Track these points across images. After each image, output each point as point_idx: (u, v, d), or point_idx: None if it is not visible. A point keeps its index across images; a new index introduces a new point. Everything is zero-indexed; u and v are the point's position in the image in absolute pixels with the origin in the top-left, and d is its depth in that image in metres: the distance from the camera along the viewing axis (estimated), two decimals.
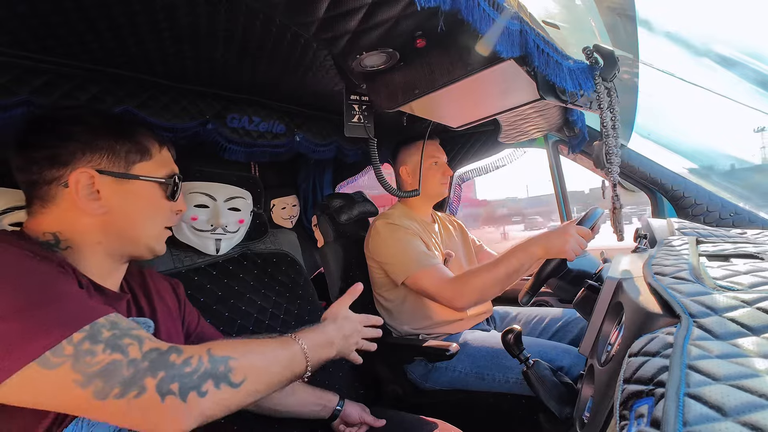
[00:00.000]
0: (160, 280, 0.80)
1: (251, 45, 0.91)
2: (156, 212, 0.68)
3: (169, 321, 0.75)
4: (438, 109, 1.06)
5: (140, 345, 0.49)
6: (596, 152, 0.89)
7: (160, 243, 0.70)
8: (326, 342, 0.68)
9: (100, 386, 0.44)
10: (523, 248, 1.07)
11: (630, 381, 0.39)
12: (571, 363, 1.09)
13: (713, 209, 1.26)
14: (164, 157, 0.71)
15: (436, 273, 1.20)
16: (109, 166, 0.62)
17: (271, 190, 2.14)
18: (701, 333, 0.38)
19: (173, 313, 0.77)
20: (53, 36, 0.78)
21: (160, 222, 0.69)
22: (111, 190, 0.62)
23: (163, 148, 0.71)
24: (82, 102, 0.90)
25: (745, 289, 0.45)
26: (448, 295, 1.15)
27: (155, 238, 0.69)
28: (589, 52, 0.86)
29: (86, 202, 0.60)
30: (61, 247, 0.60)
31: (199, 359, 0.51)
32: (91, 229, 0.62)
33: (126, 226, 0.64)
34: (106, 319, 0.49)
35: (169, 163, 0.71)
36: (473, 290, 1.11)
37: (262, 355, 0.58)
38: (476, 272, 1.13)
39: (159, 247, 0.70)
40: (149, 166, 0.67)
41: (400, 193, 1.16)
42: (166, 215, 0.70)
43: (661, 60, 1.31)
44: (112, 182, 0.62)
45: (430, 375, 1.28)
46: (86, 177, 0.60)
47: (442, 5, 0.54)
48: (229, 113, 1.20)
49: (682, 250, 0.67)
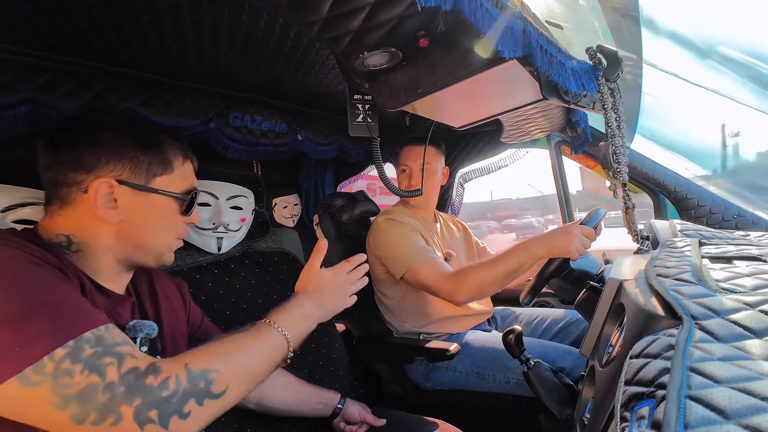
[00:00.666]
0: (167, 281, 0.80)
1: (254, 44, 0.91)
2: (170, 225, 0.68)
3: (174, 322, 0.75)
4: (440, 109, 1.06)
5: (119, 365, 0.47)
6: (603, 153, 0.88)
7: (169, 253, 0.70)
8: (303, 316, 0.67)
9: (77, 410, 0.43)
10: (525, 247, 1.07)
11: (631, 383, 0.39)
12: (572, 364, 1.09)
13: (716, 211, 1.26)
14: (186, 170, 0.71)
15: (435, 266, 1.20)
16: (130, 177, 0.63)
17: (273, 188, 2.14)
18: (703, 335, 0.38)
19: (178, 313, 0.77)
20: (57, 34, 0.78)
21: (173, 234, 0.69)
22: (129, 201, 0.63)
23: (186, 161, 0.71)
24: (87, 100, 0.91)
25: (747, 291, 0.45)
26: (447, 288, 1.16)
27: (166, 247, 0.69)
28: (593, 52, 0.86)
29: (103, 210, 0.61)
30: (73, 250, 0.60)
31: (176, 379, 0.49)
32: (104, 234, 0.62)
33: (139, 235, 0.65)
34: (92, 334, 0.48)
35: (189, 178, 0.72)
36: (472, 285, 1.11)
37: (242, 357, 0.57)
38: (476, 268, 1.13)
39: (167, 257, 0.70)
40: (170, 180, 0.67)
41: (403, 192, 1.16)
42: (180, 227, 0.70)
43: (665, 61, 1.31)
44: (131, 193, 0.63)
45: (431, 375, 1.28)
46: (106, 186, 0.61)
47: (443, 5, 0.54)
48: (231, 112, 1.20)
49: (684, 251, 0.66)
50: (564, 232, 1.01)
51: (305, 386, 0.93)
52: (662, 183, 1.36)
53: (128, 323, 0.63)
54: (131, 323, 0.63)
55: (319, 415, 0.93)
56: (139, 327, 0.63)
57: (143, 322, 0.65)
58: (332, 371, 1.12)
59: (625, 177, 0.88)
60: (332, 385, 1.09)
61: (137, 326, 0.63)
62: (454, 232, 1.59)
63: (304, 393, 0.92)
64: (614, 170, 0.88)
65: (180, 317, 0.78)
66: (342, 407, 0.95)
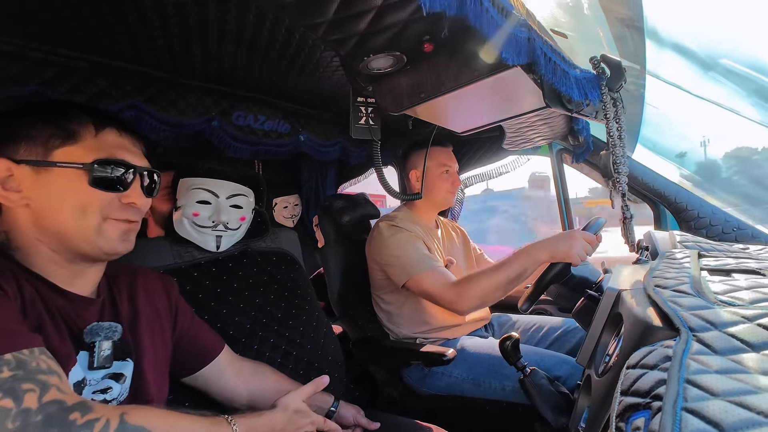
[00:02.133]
0: (153, 280, 0.76)
1: (260, 44, 0.92)
2: (85, 202, 0.58)
3: (154, 324, 0.71)
4: (443, 114, 1.06)
5: (42, 394, 0.43)
6: (603, 162, 0.89)
7: (106, 239, 0.60)
8: (267, 430, 0.64)
9: None
10: (527, 252, 1.06)
11: (627, 393, 0.39)
12: (569, 373, 1.08)
13: (716, 223, 1.26)
14: (102, 141, 0.61)
15: (439, 276, 1.20)
16: (27, 154, 0.56)
17: (274, 188, 2.14)
18: (700, 347, 0.38)
19: (161, 314, 0.74)
20: (64, 29, 0.79)
21: (94, 213, 0.58)
22: (30, 181, 0.56)
23: (103, 132, 0.61)
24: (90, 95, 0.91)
25: (745, 304, 0.45)
26: (450, 298, 1.15)
27: (94, 231, 0.58)
28: (597, 61, 0.86)
29: (6, 195, 0.56)
30: (12, 247, 0.57)
31: (105, 424, 0.44)
32: (25, 225, 0.57)
33: (52, 218, 0.57)
34: (13, 356, 0.44)
35: (107, 148, 0.60)
36: (475, 294, 1.10)
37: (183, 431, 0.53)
38: (479, 276, 1.12)
39: (106, 244, 0.60)
40: (74, 151, 0.58)
41: (402, 195, 1.16)
42: (102, 206, 0.59)
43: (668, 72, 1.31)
44: (31, 172, 0.56)
45: (427, 379, 1.27)
46: (3, 168, 0.55)
47: (448, 10, 0.55)
48: (235, 111, 1.20)
49: (683, 263, 0.66)
50: (567, 236, 1.01)
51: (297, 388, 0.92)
52: (663, 194, 1.36)
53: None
54: (88, 327, 0.59)
55: None
56: (96, 330, 0.59)
57: (102, 324, 0.60)
58: (328, 373, 1.11)
59: (625, 187, 0.88)
60: (327, 387, 1.09)
61: (94, 329, 0.59)
62: (453, 239, 1.58)
63: None
64: (614, 180, 0.88)
65: (163, 318, 0.74)
66: (335, 410, 0.94)
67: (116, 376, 0.62)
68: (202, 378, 0.80)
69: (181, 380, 0.80)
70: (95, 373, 0.59)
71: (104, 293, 0.66)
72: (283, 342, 1.05)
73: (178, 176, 1.00)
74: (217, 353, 0.82)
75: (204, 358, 0.80)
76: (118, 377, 0.62)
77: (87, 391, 0.58)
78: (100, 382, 0.60)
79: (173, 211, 0.99)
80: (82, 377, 0.58)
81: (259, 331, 1.02)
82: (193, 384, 0.81)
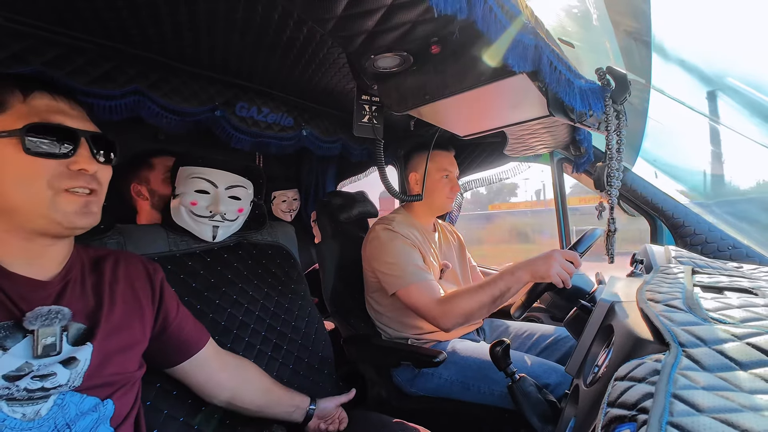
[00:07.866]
0: (135, 265, 0.73)
1: (267, 36, 0.91)
2: (26, 173, 0.54)
3: (134, 310, 0.69)
4: (446, 116, 1.06)
5: None
6: (598, 173, 0.89)
7: (62, 212, 0.56)
8: None
9: None
10: (511, 272, 1.07)
11: (614, 404, 0.39)
12: (557, 381, 1.09)
13: (712, 241, 1.26)
14: (32, 106, 0.57)
15: (426, 291, 1.20)
16: None
17: (274, 181, 2.14)
18: (689, 363, 0.38)
19: (141, 301, 0.71)
20: (71, 9, 0.78)
21: (41, 185, 0.55)
22: None
23: (31, 96, 0.57)
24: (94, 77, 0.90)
25: (736, 323, 0.45)
26: (435, 314, 1.16)
27: (48, 205, 0.55)
28: (602, 73, 0.86)
29: None
30: None
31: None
32: None
33: None
34: None
35: (38, 113, 0.56)
36: (459, 312, 1.12)
37: None
38: (463, 294, 1.13)
39: (63, 218, 0.56)
40: (2, 121, 0.55)
41: (402, 196, 1.16)
42: (49, 176, 0.55)
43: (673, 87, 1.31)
44: None
45: (416, 380, 1.27)
46: None
47: (459, 14, 0.55)
48: (238, 101, 1.20)
49: (677, 278, 0.67)
50: (544, 258, 1.03)
51: (278, 388, 0.90)
52: (660, 208, 1.36)
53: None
54: (28, 313, 0.54)
55: (291, 419, 0.90)
56: (32, 318, 0.55)
57: (42, 309, 0.56)
58: (317, 369, 1.12)
59: (615, 200, 0.89)
60: (317, 383, 1.09)
61: (33, 316, 0.55)
62: (450, 242, 1.59)
63: (276, 395, 0.89)
64: (606, 192, 0.89)
65: (144, 305, 0.71)
66: (314, 408, 0.93)
67: (67, 361, 0.57)
68: (184, 370, 0.78)
69: (164, 371, 0.78)
70: (42, 360, 0.55)
71: (71, 276, 0.62)
72: (274, 335, 1.05)
73: (177, 164, 1.00)
74: (201, 346, 0.79)
75: (188, 349, 0.78)
76: (68, 362, 0.57)
77: (26, 378, 0.53)
78: (42, 369, 0.55)
79: (171, 198, 0.99)
80: (21, 363, 0.53)
81: (251, 323, 1.02)
82: (176, 376, 0.79)
